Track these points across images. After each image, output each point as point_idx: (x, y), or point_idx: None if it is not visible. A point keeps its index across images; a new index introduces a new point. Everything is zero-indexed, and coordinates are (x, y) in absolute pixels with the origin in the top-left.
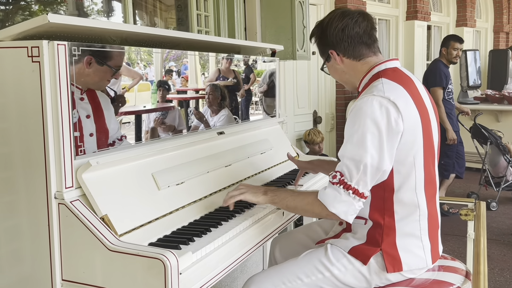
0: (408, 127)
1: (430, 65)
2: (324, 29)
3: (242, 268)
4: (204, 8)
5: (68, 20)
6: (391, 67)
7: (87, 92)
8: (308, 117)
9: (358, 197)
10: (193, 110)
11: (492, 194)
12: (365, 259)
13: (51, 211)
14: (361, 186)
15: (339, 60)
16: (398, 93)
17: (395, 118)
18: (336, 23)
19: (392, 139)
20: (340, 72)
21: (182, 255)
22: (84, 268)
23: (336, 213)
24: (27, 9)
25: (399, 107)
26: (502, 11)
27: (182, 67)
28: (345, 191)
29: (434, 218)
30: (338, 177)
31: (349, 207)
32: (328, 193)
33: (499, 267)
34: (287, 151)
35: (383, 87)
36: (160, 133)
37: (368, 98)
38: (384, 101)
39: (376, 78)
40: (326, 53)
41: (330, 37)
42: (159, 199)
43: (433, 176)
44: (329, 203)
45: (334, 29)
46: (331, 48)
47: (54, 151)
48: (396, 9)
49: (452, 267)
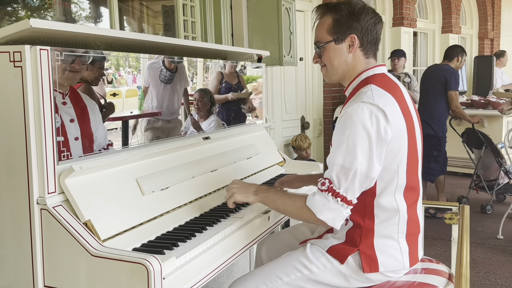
0: (395, 134)
1: (449, 70)
2: (357, 13)
3: (229, 273)
4: (190, 14)
5: (50, 25)
6: (379, 73)
7: (69, 96)
8: (296, 123)
9: (346, 205)
10: (189, 116)
11: (481, 198)
12: (343, 258)
13: (33, 216)
14: (349, 193)
15: (354, 48)
16: (387, 101)
17: (384, 127)
18: (371, 15)
19: (381, 147)
20: (342, 61)
21: (165, 260)
22: (66, 274)
23: (324, 220)
24: (13, 14)
25: (388, 115)
26: (487, 17)
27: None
28: (334, 199)
29: (414, 223)
30: (327, 184)
31: (337, 214)
32: (316, 200)
33: (484, 271)
34: (274, 157)
35: (372, 94)
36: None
37: (358, 106)
38: (374, 108)
39: (365, 84)
40: (344, 34)
41: (362, 23)
42: (143, 204)
43: (416, 183)
44: (317, 210)
45: (370, 18)
46: (356, 34)
47: (37, 156)
48: (382, 16)
49: (435, 269)
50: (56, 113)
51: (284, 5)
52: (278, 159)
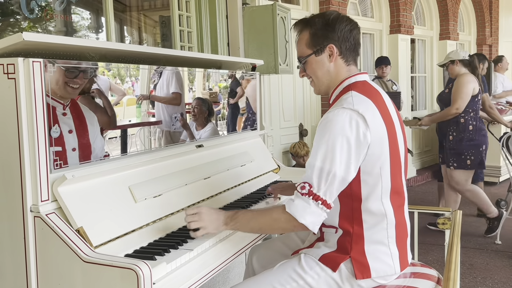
0: (375, 139)
1: (483, 76)
2: (331, 23)
3: (224, 280)
4: (187, 24)
5: (42, 38)
6: (361, 80)
7: (70, 107)
8: (294, 130)
9: (325, 208)
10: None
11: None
12: (335, 266)
13: (27, 224)
14: (328, 196)
15: (334, 58)
16: (366, 106)
17: (364, 131)
18: (345, 22)
19: (360, 151)
20: (324, 71)
21: (156, 266)
22: (59, 280)
23: (305, 224)
24: (16, 25)
25: (367, 119)
26: (485, 24)
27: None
28: (314, 202)
29: (402, 226)
30: (307, 188)
31: (317, 218)
32: (297, 204)
33: (481, 276)
34: (268, 164)
35: (352, 100)
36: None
37: (338, 111)
38: (353, 114)
39: (347, 91)
40: (321, 45)
41: (337, 32)
42: (136, 211)
43: (400, 186)
44: (298, 215)
45: (344, 27)
46: (333, 43)
47: (30, 165)
48: (379, 23)
49: (423, 273)
50: (56, 123)
51: (279, 14)
52: (272, 166)
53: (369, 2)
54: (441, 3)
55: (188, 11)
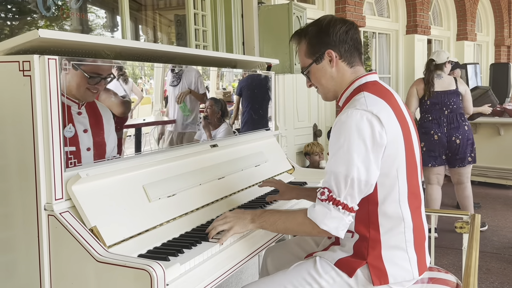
0: (391, 139)
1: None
2: (324, 29)
3: (237, 281)
4: (202, 23)
5: (57, 35)
6: (371, 80)
7: (86, 106)
8: (308, 131)
9: (348, 212)
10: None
11: None
12: (351, 272)
13: (41, 222)
14: (349, 200)
15: (334, 62)
16: (380, 107)
17: (379, 131)
18: (339, 25)
19: (377, 152)
20: (328, 77)
21: (169, 267)
22: (73, 279)
23: (328, 230)
24: (33, 24)
25: (382, 120)
26: (503, 24)
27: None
28: (335, 207)
29: (420, 230)
30: (327, 193)
31: (339, 222)
32: (317, 210)
33: (498, 281)
34: (282, 164)
35: (365, 100)
36: None
37: (351, 112)
38: (367, 114)
39: (358, 92)
40: (319, 53)
41: (332, 37)
42: (149, 211)
43: (417, 187)
44: (319, 221)
45: (339, 29)
46: (330, 48)
47: (44, 163)
48: (396, 23)
49: (442, 279)
50: (70, 122)
51: (295, 14)
52: (287, 167)
53: (386, 2)
54: (459, 3)
55: (203, 10)
